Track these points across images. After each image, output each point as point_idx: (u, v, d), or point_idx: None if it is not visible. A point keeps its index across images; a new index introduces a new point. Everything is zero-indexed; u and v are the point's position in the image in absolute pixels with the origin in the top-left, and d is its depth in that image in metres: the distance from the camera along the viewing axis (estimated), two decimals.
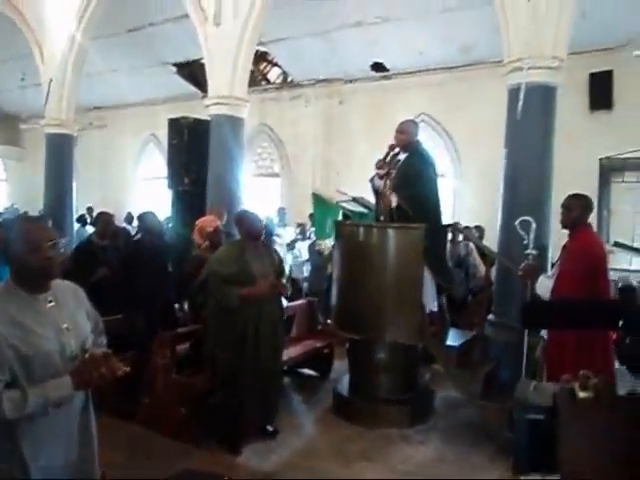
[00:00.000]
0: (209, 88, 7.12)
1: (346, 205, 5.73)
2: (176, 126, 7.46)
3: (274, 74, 11.86)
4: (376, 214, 4.84)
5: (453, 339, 5.42)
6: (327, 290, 6.18)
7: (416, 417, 4.51)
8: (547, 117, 4.96)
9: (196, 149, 7.22)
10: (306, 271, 8.16)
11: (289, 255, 8.18)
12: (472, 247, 7.11)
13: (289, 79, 11.41)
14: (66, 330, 1.85)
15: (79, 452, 1.93)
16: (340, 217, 6.25)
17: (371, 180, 4.79)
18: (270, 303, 4.05)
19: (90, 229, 8.54)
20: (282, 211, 9.81)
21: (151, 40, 10.43)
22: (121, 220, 11.49)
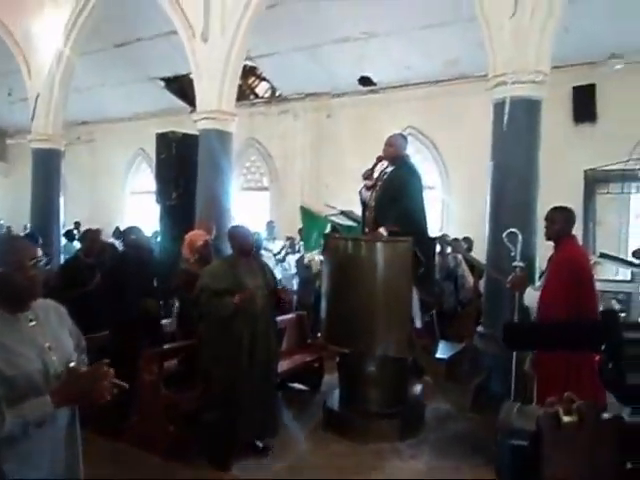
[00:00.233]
0: (197, 103, 7.13)
1: (335, 219, 5.76)
2: (164, 141, 7.44)
3: (262, 88, 11.91)
4: (362, 225, 4.87)
5: (443, 351, 5.43)
6: (316, 303, 6.17)
7: (407, 431, 4.49)
8: (532, 130, 5.02)
9: (184, 164, 7.19)
10: (295, 285, 8.15)
11: (278, 268, 8.16)
12: (461, 258, 7.15)
13: (277, 93, 11.47)
14: (48, 349, 1.82)
15: (64, 469, 1.89)
16: (328, 229, 6.27)
17: (360, 192, 4.82)
18: (264, 315, 4.06)
19: (78, 244, 8.46)
20: (271, 225, 9.80)
21: (139, 55, 10.46)
22: (109, 235, 11.44)
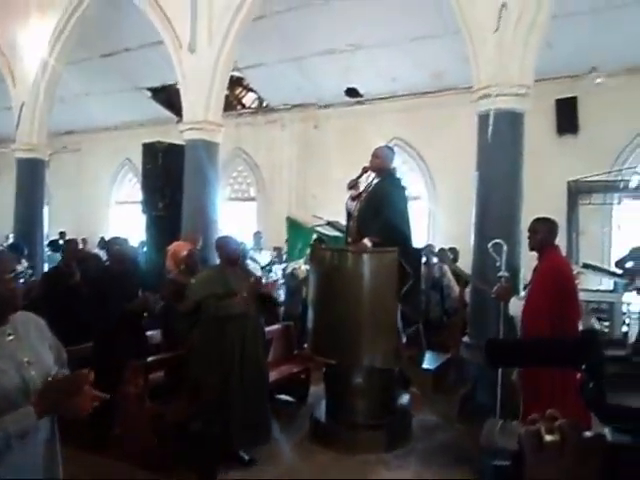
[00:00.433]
0: (184, 113, 7.12)
1: (321, 229, 5.77)
2: (150, 151, 7.42)
3: (249, 99, 11.94)
4: (346, 235, 4.89)
5: (429, 362, 5.44)
6: (303, 314, 6.16)
7: (394, 442, 4.48)
8: (516, 142, 5.09)
9: (171, 174, 7.18)
10: (282, 295, 8.11)
11: (264, 279, 8.13)
12: (446, 268, 7.19)
13: (264, 104, 11.51)
14: (27, 364, 1.77)
15: None
16: (313, 238, 6.28)
17: (346, 202, 4.85)
18: (254, 318, 4.13)
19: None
20: (258, 235, 9.77)
21: (126, 65, 10.44)
22: (94, 245, 11.34)
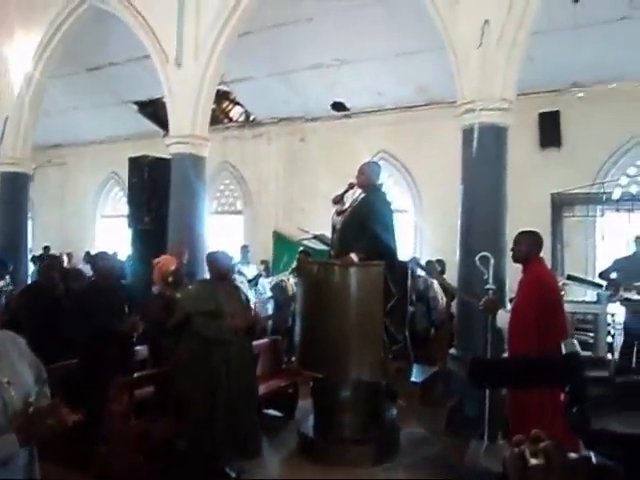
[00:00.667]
0: (170, 127, 7.11)
1: (308, 243, 5.78)
2: (136, 165, 7.39)
3: (236, 112, 11.97)
4: (330, 249, 4.90)
5: (416, 375, 5.42)
6: (290, 328, 6.14)
7: (382, 455, 4.46)
8: (500, 155, 5.16)
9: (157, 187, 7.15)
10: (270, 309, 8.09)
11: (252, 292, 8.10)
12: (432, 281, 7.22)
13: (251, 118, 11.54)
14: (7, 384, 1.72)
15: None
16: (299, 250, 6.28)
17: (332, 217, 4.87)
18: (239, 341, 4.08)
19: None
20: (245, 249, 9.73)
21: (112, 79, 10.43)
22: (80, 259, 11.23)
